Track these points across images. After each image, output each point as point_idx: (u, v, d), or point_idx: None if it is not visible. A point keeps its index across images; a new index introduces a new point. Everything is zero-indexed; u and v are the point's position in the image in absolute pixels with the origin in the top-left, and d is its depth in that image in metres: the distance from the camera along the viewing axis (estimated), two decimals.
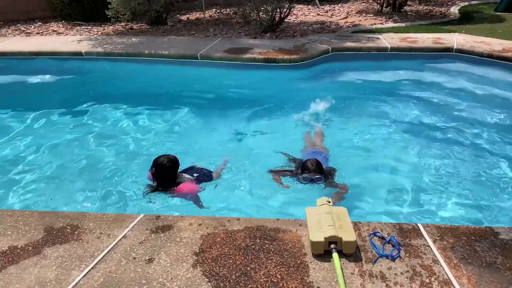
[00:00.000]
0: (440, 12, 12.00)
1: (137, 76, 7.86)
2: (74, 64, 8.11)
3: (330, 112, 5.99)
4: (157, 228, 2.61)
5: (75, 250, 2.42)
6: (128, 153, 5.04)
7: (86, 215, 2.78)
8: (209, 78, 7.52)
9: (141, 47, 8.37)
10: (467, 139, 5.09)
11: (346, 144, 5.12)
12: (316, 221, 2.43)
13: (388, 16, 11.44)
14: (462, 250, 2.35)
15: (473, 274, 2.17)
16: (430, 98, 6.43)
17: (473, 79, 7.03)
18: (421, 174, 4.38)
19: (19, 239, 2.54)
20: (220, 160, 4.59)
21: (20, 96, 7.16)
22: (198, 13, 12.75)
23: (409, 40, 8.34)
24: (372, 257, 2.32)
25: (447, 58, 7.72)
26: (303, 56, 7.49)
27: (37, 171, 4.63)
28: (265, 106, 6.28)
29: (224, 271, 2.23)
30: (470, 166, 4.49)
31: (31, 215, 2.80)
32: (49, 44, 8.80)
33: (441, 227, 2.58)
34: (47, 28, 10.74)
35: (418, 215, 3.74)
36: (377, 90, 6.86)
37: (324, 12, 12.50)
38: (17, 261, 2.34)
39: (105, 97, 6.76)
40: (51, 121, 5.92)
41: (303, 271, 2.22)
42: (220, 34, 9.65)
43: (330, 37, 8.91)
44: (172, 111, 6.21)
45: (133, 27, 10.73)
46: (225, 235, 2.53)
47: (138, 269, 2.26)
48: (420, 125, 5.56)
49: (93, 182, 4.40)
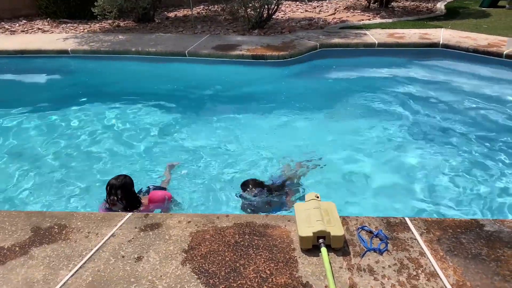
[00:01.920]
0: (426, 8, 12.11)
1: (124, 74, 7.80)
2: (60, 62, 8.02)
3: (318, 108, 6.02)
4: (146, 226, 2.60)
5: (63, 250, 2.40)
6: (115, 150, 5.02)
7: (74, 214, 2.76)
8: (197, 75, 7.50)
9: (128, 44, 8.31)
10: (453, 133, 5.16)
11: (333, 139, 5.15)
12: (305, 217, 2.44)
13: (375, 12, 11.51)
14: (448, 242, 2.39)
15: (459, 265, 2.21)
16: (417, 93, 6.50)
17: (459, 73, 7.12)
18: (408, 169, 4.43)
19: (6, 239, 2.50)
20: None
21: (5, 94, 7.05)
22: (186, 10, 12.68)
23: (396, 35, 8.40)
24: (360, 251, 2.34)
25: (434, 53, 7.81)
26: (291, 53, 7.50)
27: (21, 170, 4.58)
28: (254, 103, 6.29)
29: (214, 267, 2.23)
30: (455, 159, 4.55)
31: (18, 215, 2.77)
32: (34, 42, 8.68)
33: (428, 220, 2.61)
34: (32, 26, 10.59)
35: (405, 209, 3.78)
36: (364, 85, 6.92)
37: (312, 9, 12.52)
38: (3, 261, 2.32)
39: (92, 95, 6.70)
40: (37, 120, 5.85)
41: (292, 266, 2.24)
42: (208, 31, 9.62)
43: (318, 33, 8.94)
44: (160, 108, 6.18)
45: (120, 25, 10.64)
46: (214, 232, 2.53)
47: (127, 267, 2.25)
48: (407, 120, 5.62)
49: (80, 181, 4.37)
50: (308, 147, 4.96)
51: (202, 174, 4.46)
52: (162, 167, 4.59)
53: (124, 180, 3.41)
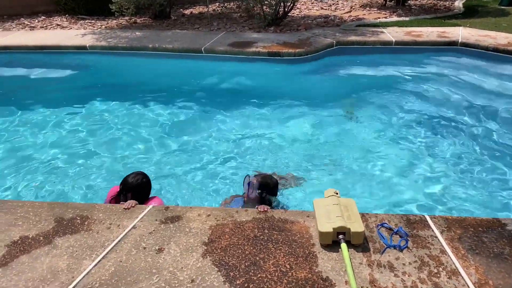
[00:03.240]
0: (444, 6, 11.93)
1: (141, 69, 7.87)
2: (78, 58, 8.13)
3: (336, 105, 6.00)
4: (166, 218, 2.63)
5: (86, 240, 2.45)
6: (132, 144, 5.07)
7: (96, 206, 2.81)
8: (213, 72, 7.52)
9: (145, 41, 8.37)
10: (473, 132, 5.10)
11: (352, 136, 5.13)
12: (324, 212, 2.44)
13: (392, 10, 11.39)
14: (469, 241, 2.37)
15: (481, 264, 2.19)
16: (436, 91, 6.42)
17: (479, 72, 7.01)
18: (428, 167, 4.39)
19: (30, 229, 2.56)
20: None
21: (26, 90, 7.18)
22: (201, 7, 12.72)
23: (413, 33, 8.31)
24: (380, 247, 2.33)
25: (452, 51, 7.69)
26: (308, 50, 7.48)
27: (42, 164, 4.67)
28: (269, 100, 6.29)
29: (234, 260, 2.25)
30: (476, 158, 4.50)
31: (41, 206, 2.83)
32: (53, 38, 8.81)
33: (448, 218, 2.59)
34: (51, 22, 10.74)
35: (425, 207, 3.76)
36: (381, 83, 6.86)
37: (328, 6, 12.45)
38: (28, 250, 2.37)
39: (110, 91, 6.79)
40: (55, 114, 5.94)
41: (311, 261, 2.24)
42: (224, 28, 9.64)
43: (334, 31, 8.88)
44: (176, 104, 6.22)
45: (136, 21, 10.73)
46: (234, 225, 2.55)
47: (148, 258, 2.29)
48: (426, 118, 5.56)
49: (98, 174, 4.44)
50: (323, 144, 4.95)
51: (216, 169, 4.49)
52: (177, 163, 4.64)
53: (141, 180, 3.19)
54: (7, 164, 4.65)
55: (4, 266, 2.25)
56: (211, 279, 2.13)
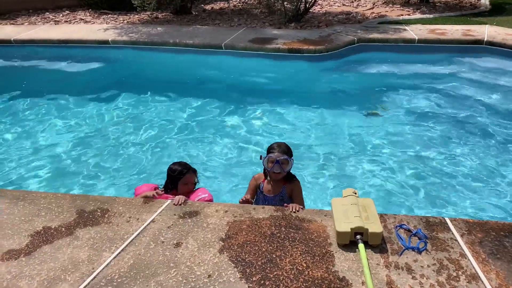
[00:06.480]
0: (470, 3, 11.65)
1: (162, 64, 7.95)
2: (101, 52, 8.26)
3: (357, 104, 5.94)
4: (185, 213, 2.66)
5: (106, 233, 2.50)
6: (151, 139, 5.14)
7: (116, 199, 2.86)
8: (233, 68, 7.54)
9: (166, 36, 8.45)
10: (497, 133, 4.98)
11: (374, 135, 5.07)
12: (342, 212, 2.43)
13: (415, 7, 11.18)
14: (490, 245, 2.32)
15: (502, 269, 2.14)
16: (459, 91, 6.29)
17: (505, 72, 6.82)
18: (449, 169, 4.32)
19: (53, 220, 2.63)
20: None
21: (51, 82, 7.35)
22: (222, 2, 12.74)
23: (437, 31, 8.14)
24: (398, 249, 2.31)
25: (478, 50, 7.50)
26: (328, 47, 7.42)
27: (68, 156, 4.78)
28: (289, 97, 6.28)
29: (250, 257, 2.27)
30: (499, 162, 4.39)
31: (64, 197, 2.89)
32: (76, 32, 8.98)
33: (469, 221, 2.55)
34: (75, 16, 10.95)
35: (443, 209, 3.70)
36: (404, 82, 6.76)
37: (350, 3, 12.30)
38: (51, 241, 2.43)
39: (132, 84, 6.89)
40: (78, 107, 6.07)
41: (328, 260, 2.24)
42: (244, 24, 9.64)
43: (356, 28, 8.78)
44: (196, 100, 6.27)
45: (158, 16, 10.82)
46: (251, 222, 2.56)
47: (166, 252, 2.32)
48: (449, 118, 5.46)
49: (122, 168, 4.51)
50: (342, 142, 4.92)
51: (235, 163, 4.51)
52: (201, 157, 4.68)
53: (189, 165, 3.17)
54: (25, 154, 4.78)
55: (27, 255, 2.32)
56: (227, 274, 2.15)
